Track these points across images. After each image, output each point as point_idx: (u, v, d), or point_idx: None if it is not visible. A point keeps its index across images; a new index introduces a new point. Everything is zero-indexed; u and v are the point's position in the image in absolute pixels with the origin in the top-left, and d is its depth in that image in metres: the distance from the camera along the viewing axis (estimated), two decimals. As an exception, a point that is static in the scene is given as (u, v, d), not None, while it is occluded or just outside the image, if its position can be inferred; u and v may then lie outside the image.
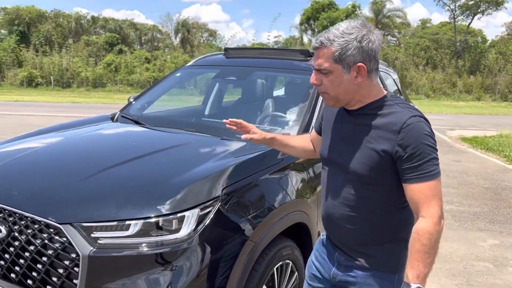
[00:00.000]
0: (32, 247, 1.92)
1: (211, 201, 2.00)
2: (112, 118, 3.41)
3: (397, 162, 1.50)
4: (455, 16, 44.05)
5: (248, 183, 2.24)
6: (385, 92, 1.62)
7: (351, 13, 40.97)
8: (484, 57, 42.11)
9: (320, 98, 3.10)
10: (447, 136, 13.09)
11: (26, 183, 2.17)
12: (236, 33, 68.90)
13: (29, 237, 1.92)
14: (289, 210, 2.44)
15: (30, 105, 20.21)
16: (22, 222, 1.95)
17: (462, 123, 17.55)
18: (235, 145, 2.65)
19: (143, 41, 56.82)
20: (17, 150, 2.59)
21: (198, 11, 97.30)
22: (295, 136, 2.05)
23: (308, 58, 3.54)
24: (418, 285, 1.45)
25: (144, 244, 1.86)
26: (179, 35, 54.31)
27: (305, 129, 2.86)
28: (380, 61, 4.69)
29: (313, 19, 41.94)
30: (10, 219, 1.98)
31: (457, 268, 3.94)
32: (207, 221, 1.96)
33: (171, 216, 1.89)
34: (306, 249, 2.70)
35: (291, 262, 2.50)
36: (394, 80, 5.08)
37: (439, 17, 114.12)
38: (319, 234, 2.84)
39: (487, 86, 38.83)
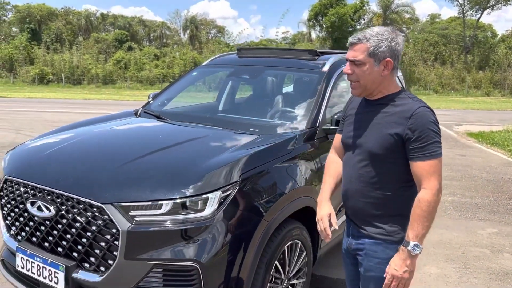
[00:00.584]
0: (77, 224, 2.24)
1: (231, 185, 2.30)
2: (135, 114, 3.73)
3: (406, 143, 1.82)
4: (464, 11, 43.80)
5: (262, 170, 2.54)
6: (400, 88, 1.95)
7: (359, 9, 40.92)
8: (494, 52, 41.87)
9: (327, 95, 3.38)
10: (454, 131, 13.27)
11: (71, 169, 2.49)
12: (244, 29, 69.15)
13: (75, 215, 2.24)
14: (298, 195, 2.73)
15: (43, 101, 20.67)
16: (69, 203, 2.27)
17: (469, 118, 17.67)
18: (247, 138, 2.94)
19: (152, 38, 57.27)
20: (57, 141, 2.91)
21: (206, 7, 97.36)
22: (330, 171, 2.19)
23: (316, 58, 3.81)
24: (416, 242, 1.79)
25: (173, 221, 2.16)
26: (188, 31, 54.65)
27: (313, 123, 3.14)
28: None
29: (321, 15, 41.94)
30: (58, 200, 2.30)
31: (456, 253, 4.21)
32: (227, 202, 2.26)
33: (196, 197, 2.20)
34: (313, 231, 3.00)
35: (300, 242, 2.79)
36: (397, 77, 5.33)
37: (449, 12, 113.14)
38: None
39: (496, 81, 38.64)
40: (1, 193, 2.64)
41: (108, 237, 2.17)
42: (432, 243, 4.43)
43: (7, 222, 2.63)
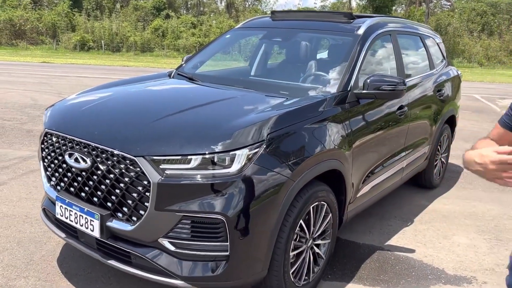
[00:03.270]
0: (111, 175, 2.35)
1: (258, 144, 2.33)
2: (169, 75, 3.80)
3: None
4: (518, -22, 40.99)
5: (289, 131, 2.55)
6: None
7: (402, -24, 39.12)
8: (548, 23, 39.27)
9: (360, 58, 3.31)
10: (496, 105, 12.72)
11: (106, 124, 2.59)
12: (282, -3, 67.41)
13: (109, 167, 2.35)
14: (326, 157, 2.74)
15: (84, 67, 21.22)
16: (103, 155, 2.38)
17: (515, 92, 16.83)
18: (276, 100, 2.94)
19: (189, 6, 57.09)
20: (94, 98, 3.02)
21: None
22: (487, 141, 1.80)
23: (351, 21, 3.72)
24: None
25: (202, 176, 2.23)
26: (225, -1, 54.04)
27: (344, 86, 3.11)
28: (423, 24, 4.80)
29: (362, -18, 40.49)
30: (94, 152, 2.42)
31: (488, 225, 4.13)
32: (254, 160, 2.30)
33: (224, 154, 2.25)
34: (340, 195, 3.02)
35: (326, 204, 2.82)
36: (437, 44, 5.13)
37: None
38: (353, 186, 3.13)
39: (549, 54, 36.42)
40: (42, 146, 2.80)
41: (140, 188, 2.27)
42: (464, 214, 4.36)
43: (47, 173, 2.79)
